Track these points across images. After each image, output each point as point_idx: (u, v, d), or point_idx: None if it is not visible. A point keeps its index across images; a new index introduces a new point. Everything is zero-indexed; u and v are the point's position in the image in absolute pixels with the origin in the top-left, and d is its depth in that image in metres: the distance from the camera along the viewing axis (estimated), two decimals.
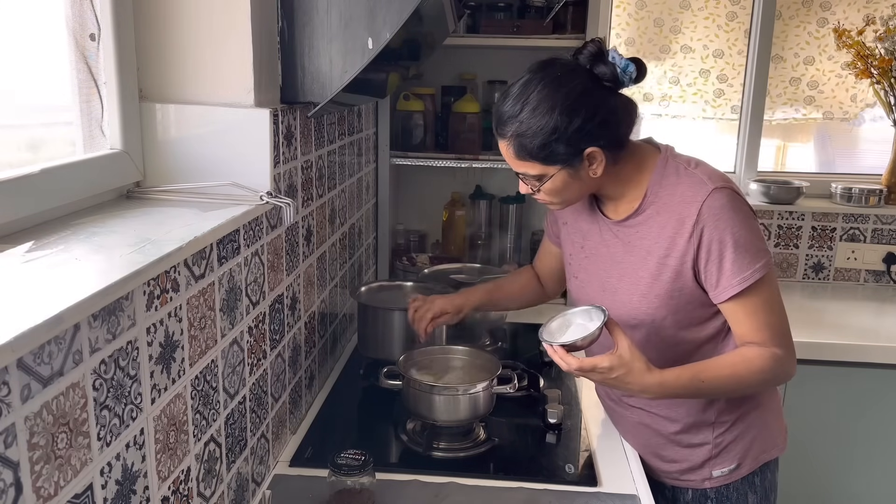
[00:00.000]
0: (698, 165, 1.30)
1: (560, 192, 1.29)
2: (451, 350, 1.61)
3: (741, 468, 1.39)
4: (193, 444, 1.01)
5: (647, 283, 1.30)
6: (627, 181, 1.31)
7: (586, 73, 1.23)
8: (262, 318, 1.26)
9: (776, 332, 1.27)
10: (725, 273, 1.24)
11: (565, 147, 1.22)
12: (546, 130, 1.21)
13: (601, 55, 1.23)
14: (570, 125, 1.20)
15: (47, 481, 0.68)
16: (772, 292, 1.27)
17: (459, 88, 2.49)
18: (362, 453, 1.22)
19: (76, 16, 1.01)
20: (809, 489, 2.23)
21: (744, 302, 1.25)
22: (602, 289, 1.38)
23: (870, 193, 2.60)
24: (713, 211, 1.23)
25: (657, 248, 1.29)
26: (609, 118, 1.23)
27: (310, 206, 1.50)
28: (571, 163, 1.24)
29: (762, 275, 1.23)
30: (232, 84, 1.15)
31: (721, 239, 1.23)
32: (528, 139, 1.22)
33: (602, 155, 1.24)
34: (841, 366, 2.15)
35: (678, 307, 1.30)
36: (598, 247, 1.39)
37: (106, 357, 0.77)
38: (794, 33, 2.76)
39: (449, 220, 2.57)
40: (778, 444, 1.44)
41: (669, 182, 1.28)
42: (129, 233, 0.90)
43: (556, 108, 1.20)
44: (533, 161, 1.25)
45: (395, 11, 1.18)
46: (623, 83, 1.24)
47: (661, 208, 1.29)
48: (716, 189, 1.24)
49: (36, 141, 1.03)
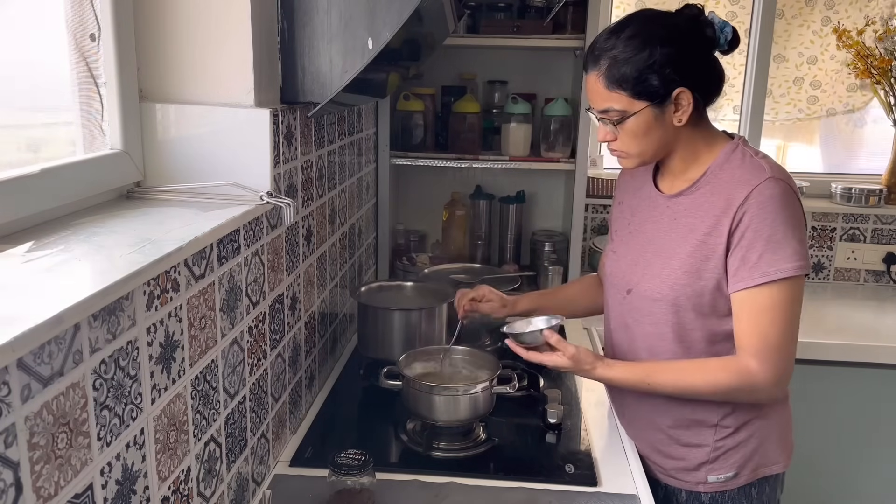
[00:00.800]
0: (766, 157, 1.29)
1: (640, 137, 1.27)
2: (451, 350, 1.61)
3: (738, 478, 1.38)
4: (193, 444, 1.01)
5: (681, 258, 1.30)
6: (695, 155, 1.32)
7: (687, 21, 1.26)
8: (262, 318, 1.26)
9: (767, 346, 1.23)
10: (749, 262, 1.22)
11: (658, 80, 1.23)
12: (641, 59, 1.22)
13: (700, 13, 1.27)
14: (665, 57, 1.22)
15: (47, 481, 0.68)
16: (787, 304, 1.22)
17: (459, 88, 2.49)
18: (362, 453, 1.22)
19: (76, 16, 1.01)
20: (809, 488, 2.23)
21: (753, 298, 1.23)
22: (635, 262, 1.39)
23: (870, 193, 2.60)
24: (761, 198, 1.22)
25: (701, 226, 1.28)
26: (702, 66, 1.27)
27: (310, 206, 1.50)
28: (660, 101, 1.24)
29: (785, 276, 1.20)
30: (232, 84, 1.15)
31: (758, 228, 1.21)
32: (622, 66, 1.23)
33: (690, 100, 1.24)
34: (841, 366, 2.15)
35: (703, 290, 1.28)
36: (644, 223, 1.40)
37: (106, 357, 0.77)
38: (798, 32, 2.76)
39: (449, 220, 2.57)
40: (780, 461, 1.40)
41: (731, 166, 1.28)
42: (129, 233, 0.90)
43: (654, 39, 1.22)
44: (622, 92, 1.24)
45: (395, 11, 1.18)
46: (719, 42, 1.26)
47: (715, 189, 1.28)
48: (771, 178, 1.23)
49: (36, 141, 1.04)
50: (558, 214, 2.64)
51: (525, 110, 2.35)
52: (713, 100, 1.31)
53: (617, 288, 1.44)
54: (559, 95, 2.36)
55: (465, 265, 2.21)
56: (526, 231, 2.62)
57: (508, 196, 2.57)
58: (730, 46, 1.29)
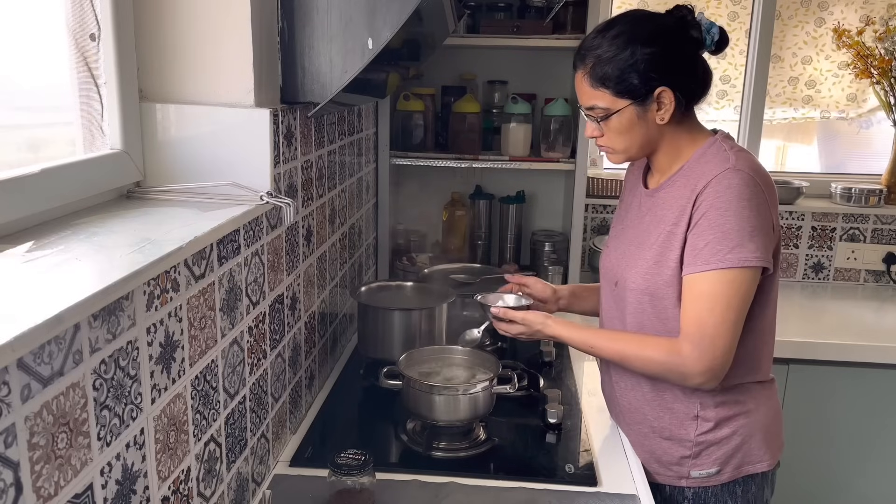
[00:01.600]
0: (740, 151, 1.31)
1: (624, 135, 1.32)
2: (451, 350, 1.61)
3: (721, 474, 1.38)
4: (193, 444, 1.01)
5: (654, 250, 1.33)
6: (678, 151, 1.35)
7: (674, 22, 1.29)
8: (262, 318, 1.26)
9: (701, 333, 1.24)
10: (696, 249, 1.25)
11: (638, 79, 1.26)
12: (623, 58, 1.26)
13: (689, 13, 1.30)
14: (646, 57, 1.25)
15: (47, 481, 0.68)
16: (728, 295, 1.22)
17: (459, 88, 2.49)
18: (362, 453, 1.22)
19: (76, 16, 1.01)
20: (808, 488, 2.23)
21: (697, 284, 1.25)
22: (622, 255, 1.43)
23: (870, 193, 2.60)
24: (718, 188, 1.24)
25: (670, 216, 1.32)
26: (685, 66, 1.29)
27: (310, 206, 1.50)
28: (642, 99, 1.27)
29: (727, 266, 1.21)
30: (232, 84, 1.15)
31: (711, 216, 1.24)
32: (605, 66, 1.27)
33: (672, 99, 1.27)
34: (841, 366, 2.15)
35: (671, 279, 1.30)
36: (634, 218, 1.44)
37: (106, 357, 0.77)
38: (793, 33, 2.76)
39: (449, 220, 2.57)
40: (765, 459, 1.39)
41: (705, 159, 1.31)
42: (129, 233, 0.90)
43: (637, 38, 1.26)
44: (605, 90, 1.28)
45: (395, 11, 1.18)
46: (706, 42, 1.29)
47: (687, 181, 1.31)
48: (731, 169, 1.25)
49: (36, 141, 1.04)
50: (558, 214, 2.64)
51: (525, 110, 2.35)
52: (699, 99, 1.34)
53: (607, 280, 1.48)
54: (559, 95, 2.36)
55: (464, 265, 2.21)
56: (526, 231, 2.62)
57: (508, 196, 2.57)
58: (717, 47, 1.30)
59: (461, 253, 2.56)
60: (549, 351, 1.90)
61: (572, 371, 1.85)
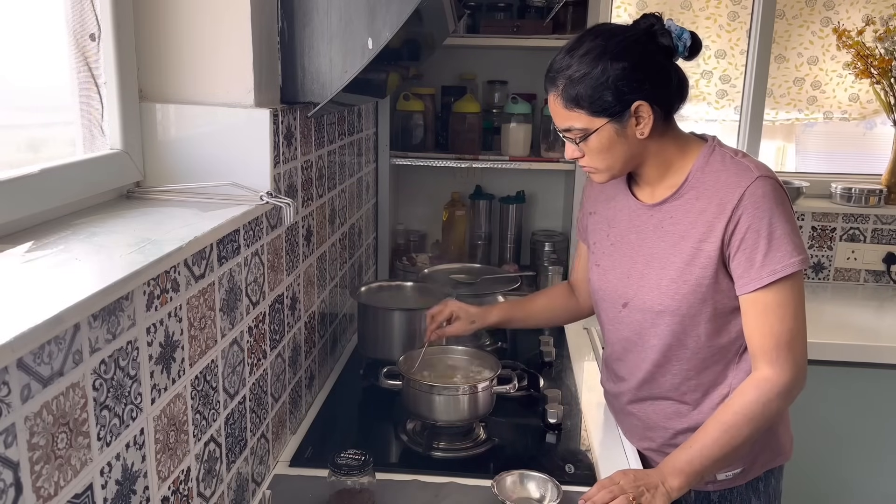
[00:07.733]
0: (745, 156, 1.29)
1: (605, 153, 1.27)
2: (451, 350, 1.61)
3: (746, 473, 1.37)
4: (193, 444, 1.01)
5: (678, 268, 1.28)
6: (669, 163, 1.31)
7: (642, 32, 1.25)
8: (262, 318, 1.26)
9: (778, 344, 1.22)
10: (756, 263, 1.22)
11: (613, 95, 1.21)
12: (594, 76, 1.21)
13: (657, 21, 1.26)
14: (618, 72, 1.20)
15: (47, 481, 0.68)
16: (794, 298, 1.23)
17: (459, 88, 2.49)
18: (362, 453, 1.22)
19: (76, 16, 1.01)
20: (808, 488, 2.23)
21: (763, 297, 1.22)
22: (627, 275, 1.36)
23: (870, 193, 2.60)
24: (755, 198, 1.21)
25: (694, 233, 1.27)
26: (659, 77, 1.25)
27: (310, 206, 1.50)
28: (619, 116, 1.23)
29: (793, 271, 1.20)
30: (232, 84, 1.15)
31: (758, 228, 1.21)
32: (577, 86, 1.22)
33: (650, 113, 1.23)
34: (841, 366, 2.15)
35: (706, 297, 1.27)
36: (625, 233, 1.38)
37: (106, 357, 0.77)
38: (798, 33, 2.76)
39: (449, 220, 2.57)
40: (784, 452, 1.41)
41: (713, 169, 1.27)
42: (129, 233, 0.90)
43: (606, 54, 1.21)
44: (580, 110, 1.24)
45: (395, 11, 1.18)
46: (678, 50, 1.25)
47: (701, 193, 1.27)
48: (760, 177, 1.23)
49: (36, 141, 1.04)
50: (558, 214, 2.64)
51: (525, 110, 2.35)
52: (677, 108, 1.30)
53: (610, 302, 1.41)
54: None
55: (465, 265, 2.21)
56: (526, 231, 2.62)
57: (508, 196, 2.57)
58: (690, 53, 1.27)
59: (461, 253, 2.56)
60: (549, 351, 1.90)
61: (572, 371, 1.85)
